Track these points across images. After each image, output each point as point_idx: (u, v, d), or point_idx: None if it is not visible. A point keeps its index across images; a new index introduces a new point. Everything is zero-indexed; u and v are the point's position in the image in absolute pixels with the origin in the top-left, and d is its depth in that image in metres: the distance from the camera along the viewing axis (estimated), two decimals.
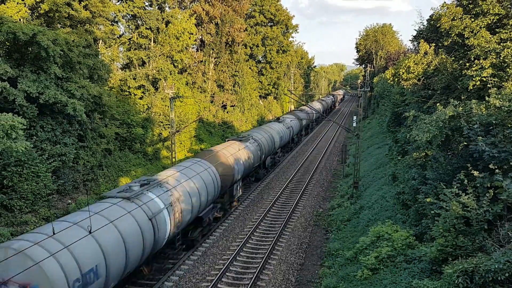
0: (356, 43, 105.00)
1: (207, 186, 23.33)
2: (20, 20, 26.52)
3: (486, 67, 18.57)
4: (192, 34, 48.07)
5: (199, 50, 59.13)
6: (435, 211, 13.42)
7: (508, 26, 20.37)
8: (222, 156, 27.31)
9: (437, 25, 23.44)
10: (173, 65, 46.92)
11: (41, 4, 27.40)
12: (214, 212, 25.60)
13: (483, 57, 19.23)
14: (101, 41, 38.29)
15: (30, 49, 24.05)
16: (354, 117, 49.25)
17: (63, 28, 29.91)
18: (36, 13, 28.54)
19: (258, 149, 35.03)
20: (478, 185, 12.85)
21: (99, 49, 36.20)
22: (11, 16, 25.15)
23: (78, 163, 28.60)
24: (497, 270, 9.83)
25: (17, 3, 26.38)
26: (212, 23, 56.97)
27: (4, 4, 26.07)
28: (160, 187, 19.12)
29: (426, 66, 24.35)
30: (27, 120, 23.20)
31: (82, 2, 31.41)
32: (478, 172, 12.90)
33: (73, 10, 29.26)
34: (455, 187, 12.87)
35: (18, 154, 21.94)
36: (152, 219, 16.95)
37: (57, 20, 29.35)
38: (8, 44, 24.20)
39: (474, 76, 18.94)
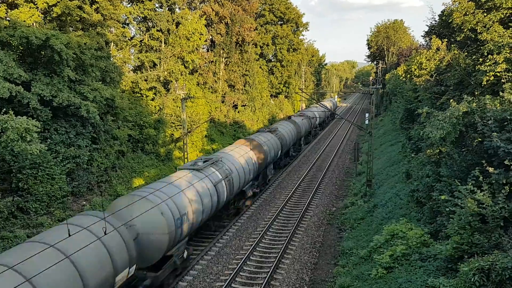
0: (368, 40, 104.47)
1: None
2: (33, 24, 26.87)
3: (500, 62, 18.28)
4: (203, 34, 48.20)
5: (209, 51, 59.31)
6: (450, 209, 13.28)
7: None
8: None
9: (449, 21, 23.15)
10: (184, 66, 47.11)
11: (53, 8, 27.72)
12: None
13: (497, 52, 18.93)
14: (112, 43, 38.62)
15: (43, 52, 24.36)
16: (366, 115, 48.96)
17: (75, 31, 30.27)
18: (49, 17, 28.90)
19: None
20: (494, 181, 12.69)
21: (110, 52, 36.50)
22: (24, 21, 25.51)
23: (92, 165, 28.90)
24: None
25: (30, 8, 26.73)
26: (222, 23, 57.07)
27: (17, 9, 26.44)
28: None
29: (439, 62, 24.08)
30: (41, 123, 23.51)
31: (93, 5, 31.73)
32: (493, 169, 12.73)
33: (84, 13, 29.58)
34: (470, 184, 12.72)
35: (33, 156, 22.26)
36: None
37: (69, 23, 29.70)
38: (21, 48, 24.53)
39: (487, 71, 18.66)
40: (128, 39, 42.74)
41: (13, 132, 17.69)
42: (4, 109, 18.68)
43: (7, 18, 25.94)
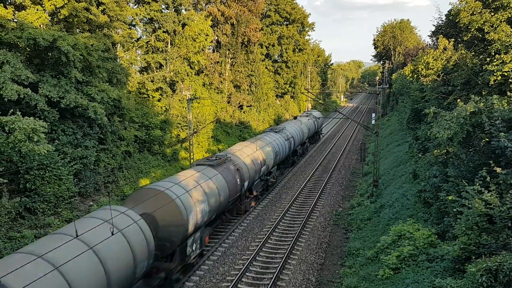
0: (374, 40, 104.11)
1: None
2: (40, 26, 27.04)
3: (508, 62, 18.21)
4: (208, 35, 48.29)
5: (215, 51, 59.39)
6: (457, 209, 13.21)
7: None
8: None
9: (456, 20, 23.05)
10: (190, 66, 47.23)
11: (60, 9, 27.88)
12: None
13: (504, 51, 18.86)
14: (119, 44, 38.78)
15: (50, 54, 24.52)
16: (373, 115, 48.80)
17: (82, 32, 30.41)
18: (56, 18, 29.08)
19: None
20: (501, 181, 12.62)
21: (117, 53, 36.66)
22: (32, 23, 25.67)
23: (99, 165, 29.04)
24: None
25: (37, 10, 26.91)
26: (228, 23, 57.14)
27: (25, 10, 26.62)
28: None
29: (446, 62, 23.97)
30: (49, 124, 23.65)
31: (100, 7, 31.86)
32: (500, 169, 12.66)
33: (91, 14, 29.72)
34: (478, 184, 12.65)
35: (40, 157, 22.41)
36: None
37: (76, 25, 29.83)
38: (28, 50, 24.71)
39: (495, 71, 18.59)
40: (135, 40, 42.90)
41: (20, 133, 17.82)
42: (12, 110, 18.82)
43: (15, 20, 26.11)
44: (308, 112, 58.09)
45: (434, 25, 31.65)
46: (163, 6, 45.78)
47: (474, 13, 21.36)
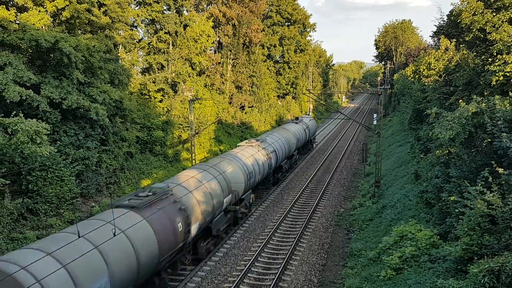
0: (375, 40, 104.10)
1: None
2: (42, 27, 27.09)
3: (509, 62, 18.20)
4: (210, 36, 48.33)
5: (216, 52, 59.40)
6: (459, 210, 13.19)
7: None
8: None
9: (458, 21, 23.05)
10: (192, 67, 47.26)
11: (62, 11, 27.92)
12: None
13: (506, 51, 18.84)
14: (121, 46, 38.83)
15: (52, 55, 24.57)
16: (375, 115, 48.79)
17: (84, 34, 30.46)
18: (58, 20, 29.11)
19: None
20: (503, 182, 12.61)
21: (119, 54, 36.70)
22: (34, 24, 25.73)
23: (101, 166, 29.08)
24: None
25: (39, 11, 26.96)
26: (229, 24, 57.15)
27: (27, 12, 26.67)
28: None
29: (447, 62, 23.97)
30: (51, 125, 23.71)
31: (101, 8, 31.89)
32: (503, 169, 12.65)
33: (93, 16, 29.75)
34: (480, 184, 12.64)
35: (42, 158, 22.47)
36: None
37: (78, 26, 29.87)
38: (30, 51, 24.76)
39: (497, 71, 18.58)
40: (136, 41, 42.96)
41: (23, 135, 17.88)
42: (14, 112, 18.87)
43: (17, 22, 26.17)
44: (299, 119, 49.53)
45: (435, 26, 31.78)
46: (165, 7, 45.81)
47: (476, 13, 21.35)
